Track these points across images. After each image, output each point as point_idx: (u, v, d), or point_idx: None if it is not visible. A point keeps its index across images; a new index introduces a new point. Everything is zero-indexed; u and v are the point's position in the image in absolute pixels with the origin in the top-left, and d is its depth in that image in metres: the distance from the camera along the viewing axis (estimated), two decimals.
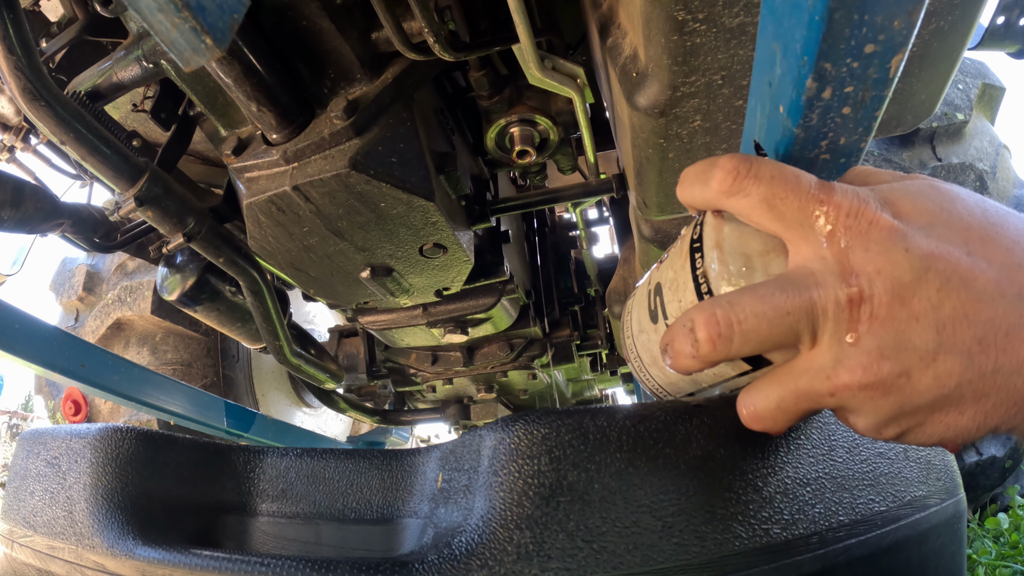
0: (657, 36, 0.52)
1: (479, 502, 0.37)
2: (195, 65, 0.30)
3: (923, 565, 0.40)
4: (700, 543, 0.33)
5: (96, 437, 0.51)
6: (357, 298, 1.11)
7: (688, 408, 0.37)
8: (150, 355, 1.95)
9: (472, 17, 0.80)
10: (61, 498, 0.49)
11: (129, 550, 0.43)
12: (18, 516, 0.52)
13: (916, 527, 0.39)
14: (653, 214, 0.79)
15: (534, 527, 0.34)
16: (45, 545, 0.49)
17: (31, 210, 0.96)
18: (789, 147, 0.32)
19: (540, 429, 0.36)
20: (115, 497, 0.48)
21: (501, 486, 0.35)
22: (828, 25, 0.26)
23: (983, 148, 1.52)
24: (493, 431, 0.38)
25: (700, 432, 0.36)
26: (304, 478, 0.54)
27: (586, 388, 2.54)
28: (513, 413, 0.39)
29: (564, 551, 0.33)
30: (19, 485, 0.54)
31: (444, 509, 0.43)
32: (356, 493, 0.52)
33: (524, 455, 0.35)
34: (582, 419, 0.36)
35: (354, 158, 0.74)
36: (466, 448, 0.43)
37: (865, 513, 0.37)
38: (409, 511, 0.49)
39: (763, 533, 0.34)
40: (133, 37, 0.82)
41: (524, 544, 0.33)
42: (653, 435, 0.35)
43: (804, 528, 0.35)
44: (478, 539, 0.34)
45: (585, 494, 0.34)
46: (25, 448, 0.56)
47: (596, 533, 0.33)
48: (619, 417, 0.36)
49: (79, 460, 0.50)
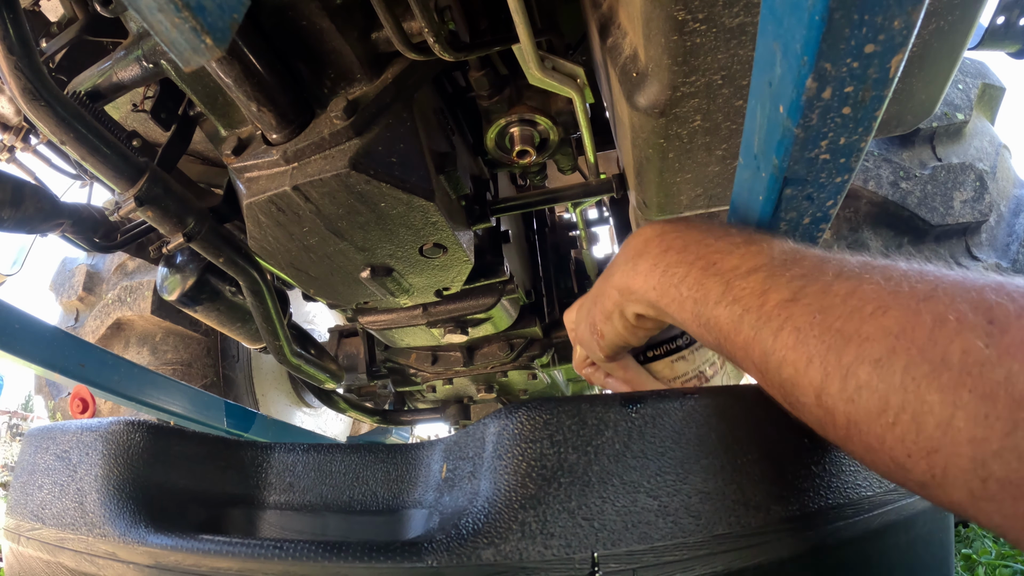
0: (657, 36, 0.52)
1: (484, 485, 0.38)
2: (195, 65, 0.30)
3: (910, 549, 0.42)
4: (695, 521, 0.34)
5: (108, 430, 0.51)
6: (357, 298, 1.11)
7: (680, 394, 0.38)
8: (150, 355, 1.95)
9: (472, 17, 0.80)
10: (71, 490, 0.50)
11: (141, 537, 0.44)
12: (25, 510, 0.52)
13: (902, 512, 0.41)
14: (653, 214, 0.79)
15: (538, 506, 0.35)
16: (54, 536, 0.49)
17: (31, 210, 0.96)
18: (789, 147, 0.32)
19: (542, 415, 0.37)
20: (126, 487, 0.49)
21: (505, 469, 0.37)
22: (828, 25, 0.26)
23: (983, 148, 1.52)
24: (497, 419, 0.40)
25: (692, 417, 0.37)
26: (310, 472, 0.55)
27: (586, 388, 2.55)
28: (521, 400, 0.40)
29: (566, 528, 0.34)
30: (27, 480, 0.54)
31: (449, 496, 0.44)
32: (362, 486, 0.53)
33: (527, 439, 0.37)
34: (581, 405, 0.37)
35: (354, 158, 0.74)
36: (470, 437, 0.44)
37: (853, 497, 0.38)
38: (414, 501, 0.50)
39: (755, 513, 0.35)
40: (133, 37, 0.82)
41: (528, 523, 0.35)
42: (647, 420, 0.37)
43: (795, 509, 0.36)
44: (484, 519, 0.36)
45: (585, 475, 0.35)
46: (33, 444, 0.56)
47: (596, 512, 0.35)
48: (615, 403, 0.37)
49: (90, 452, 0.51)
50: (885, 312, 0.28)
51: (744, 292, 0.34)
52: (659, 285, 0.40)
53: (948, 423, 0.24)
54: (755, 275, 0.34)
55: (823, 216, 0.39)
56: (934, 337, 0.26)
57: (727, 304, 0.34)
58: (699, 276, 0.37)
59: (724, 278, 0.35)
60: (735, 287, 0.35)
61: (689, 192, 0.73)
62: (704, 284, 0.36)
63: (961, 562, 1.52)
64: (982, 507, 0.24)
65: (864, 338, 0.28)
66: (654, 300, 0.41)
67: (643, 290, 0.41)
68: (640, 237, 0.44)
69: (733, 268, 0.36)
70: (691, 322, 0.38)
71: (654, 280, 0.40)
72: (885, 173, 1.43)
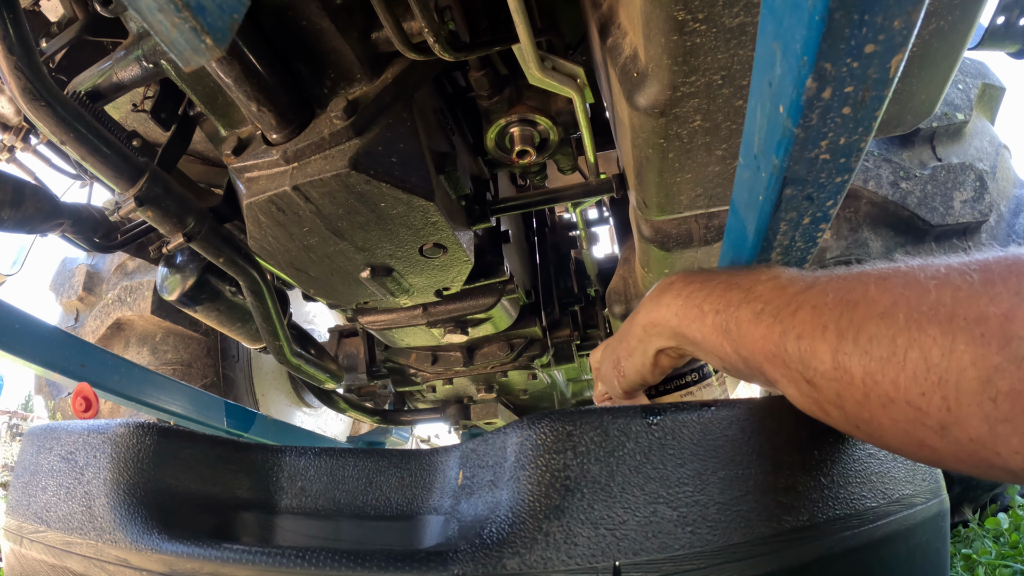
0: (657, 36, 0.52)
1: (506, 495, 0.38)
2: (195, 65, 0.30)
3: (910, 558, 0.44)
4: (712, 531, 0.35)
5: (117, 432, 0.50)
6: (357, 298, 1.11)
7: (698, 406, 0.39)
8: (150, 355, 1.95)
9: (472, 17, 0.80)
10: (78, 493, 0.49)
11: (155, 544, 0.43)
12: (28, 512, 0.51)
13: (904, 523, 0.42)
14: (653, 214, 0.79)
15: (562, 516, 0.36)
16: (60, 540, 0.48)
17: (31, 210, 0.96)
18: (789, 147, 0.32)
19: (565, 426, 0.38)
20: (137, 492, 0.48)
21: (529, 479, 0.37)
22: (828, 25, 0.26)
23: (983, 148, 1.52)
24: (519, 429, 0.40)
25: (710, 428, 0.38)
26: (322, 476, 0.55)
27: (586, 388, 2.55)
28: (533, 413, 0.41)
29: (589, 539, 0.35)
30: (28, 480, 0.53)
31: (467, 503, 0.44)
32: (375, 491, 0.53)
33: (551, 450, 0.37)
34: (603, 417, 0.38)
35: (354, 158, 0.74)
36: (488, 446, 0.44)
37: (858, 508, 0.40)
38: (429, 507, 0.50)
39: (769, 523, 0.36)
40: (133, 37, 0.82)
41: (552, 533, 0.35)
42: (667, 431, 0.37)
43: (805, 519, 0.37)
44: (508, 529, 0.36)
45: (607, 486, 0.36)
46: (35, 443, 0.55)
47: (618, 522, 0.35)
48: (636, 415, 0.38)
49: (98, 455, 0.50)
50: (887, 279, 0.32)
51: (764, 291, 0.38)
52: (680, 310, 0.43)
53: (950, 349, 0.27)
54: (774, 281, 0.38)
55: (823, 216, 0.39)
56: (928, 287, 0.30)
57: (748, 303, 0.38)
58: (721, 292, 0.41)
59: (744, 287, 0.39)
60: (755, 291, 0.38)
61: (689, 192, 0.73)
62: (726, 296, 0.40)
63: (961, 562, 1.52)
64: (1000, 432, 0.26)
65: (871, 299, 0.31)
66: (675, 326, 0.44)
67: (665, 319, 0.45)
68: (665, 280, 0.48)
69: (753, 280, 0.40)
70: (711, 334, 0.41)
71: (676, 307, 0.44)
72: (885, 173, 1.43)
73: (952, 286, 0.29)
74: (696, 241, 0.97)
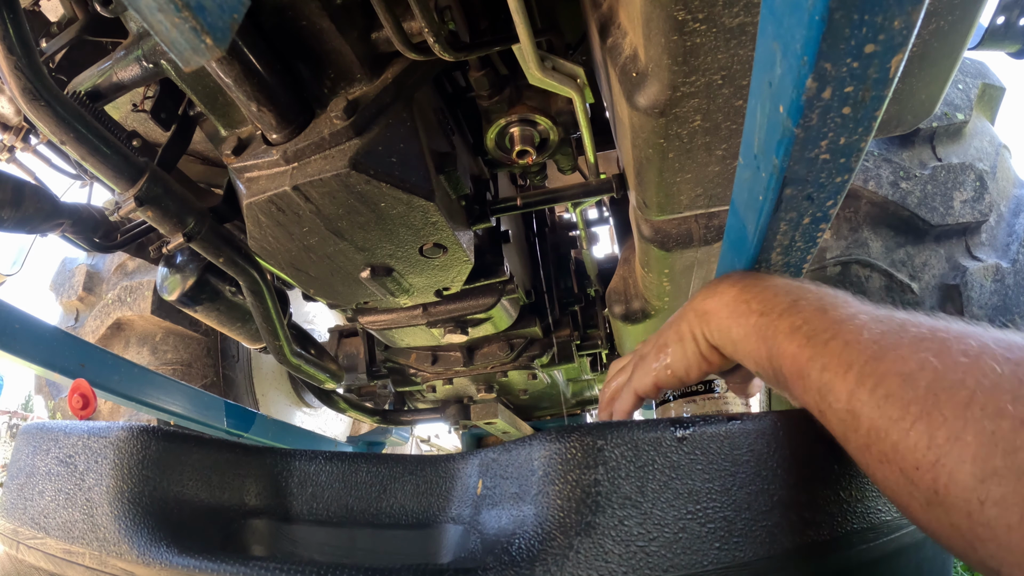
0: (657, 36, 0.52)
1: (534, 509, 0.38)
2: (195, 65, 0.30)
3: (920, 569, 0.44)
4: (739, 546, 0.35)
5: (119, 437, 0.48)
6: (357, 298, 1.11)
7: (724, 420, 0.39)
8: (150, 355, 1.95)
9: (472, 17, 0.80)
10: (79, 500, 0.46)
11: (164, 557, 0.41)
12: (24, 516, 0.49)
13: (915, 536, 0.42)
14: (653, 214, 0.79)
15: (593, 533, 0.35)
16: (60, 549, 0.46)
17: (31, 210, 0.96)
18: (789, 147, 0.32)
19: (596, 440, 0.37)
20: (142, 501, 0.45)
21: (559, 494, 0.37)
22: (828, 25, 0.25)
23: (983, 148, 1.52)
24: (546, 442, 0.39)
25: (737, 443, 0.38)
26: (334, 482, 0.53)
27: (586, 388, 2.54)
28: (562, 425, 0.40)
29: (621, 556, 0.35)
30: (24, 482, 0.50)
31: (488, 515, 0.43)
32: (390, 498, 0.51)
33: (582, 465, 0.37)
34: (633, 432, 0.37)
35: (354, 158, 0.74)
36: (511, 456, 0.43)
37: (874, 521, 0.40)
38: (447, 517, 0.49)
39: (792, 537, 0.36)
40: (133, 37, 0.82)
41: (583, 549, 0.35)
42: (696, 445, 0.37)
43: (825, 533, 0.37)
44: (539, 545, 0.35)
45: (638, 502, 0.36)
46: (31, 443, 0.52)
47: (648, 538, 0.35)
48: (667, 428, 0.38)
49: (100, 461, 0.47)
50: (922, 340, 0.31)
51: (806, 307, 0.38)
52: (731, 302, 0.44)
53: (957, 436, 0.27)
54: (819, 301, 0.39)
55: (823, 216, 0.39)
56: (958, 362, 0.29)
57: (790, 315, 0.39)
58: (771, 294, 0.41)
59: (793, 296, 0.40)
60: (799, 305, 0.39)
61: (689, 192, 0.73)
62: (774, 300, 0.41)
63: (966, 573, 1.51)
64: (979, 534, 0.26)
65: (901, 356, 0.31)
66: (724, 317, 0.44)
67: (716, 308, 0.45)
68: (720, 277, 0.48)
69: (802, 291, 0.40)
70: (751, 334, 0.41)
71: (728, 297, 0.44)
72: (885, 173, 1.43)
73: (979, 371, 0.28)
74: (696, 241, 0.97)
